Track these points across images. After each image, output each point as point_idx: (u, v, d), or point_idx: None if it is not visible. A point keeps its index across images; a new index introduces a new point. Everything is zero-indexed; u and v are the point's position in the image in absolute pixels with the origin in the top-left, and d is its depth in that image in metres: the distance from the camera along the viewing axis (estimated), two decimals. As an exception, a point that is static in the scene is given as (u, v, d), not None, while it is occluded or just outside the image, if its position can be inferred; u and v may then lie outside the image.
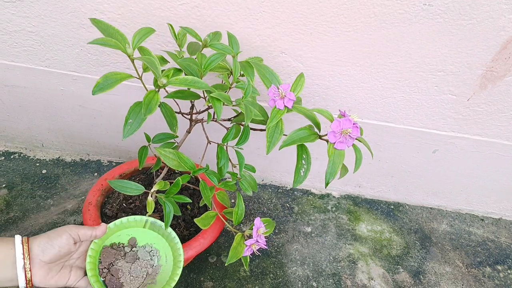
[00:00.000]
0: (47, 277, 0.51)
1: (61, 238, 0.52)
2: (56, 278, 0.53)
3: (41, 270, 0.50)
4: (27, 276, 0.49)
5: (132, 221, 0.66)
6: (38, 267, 0.50)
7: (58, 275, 0.53)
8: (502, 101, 0.90)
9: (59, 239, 0.52)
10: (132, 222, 0.66)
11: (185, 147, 1.05)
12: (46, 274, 0.51)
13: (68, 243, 0.53)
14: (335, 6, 0.73)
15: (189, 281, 0.92)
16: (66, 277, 0.54)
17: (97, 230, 0.58)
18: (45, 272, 0.51)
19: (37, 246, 0.51)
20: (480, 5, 0.72)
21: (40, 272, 0.50)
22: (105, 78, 0.51)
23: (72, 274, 0.56)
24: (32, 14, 0.81)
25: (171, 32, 0.67)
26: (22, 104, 1.02)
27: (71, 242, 0.54)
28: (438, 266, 1.07)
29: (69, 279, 0.55)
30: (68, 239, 0.53)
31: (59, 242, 0.52)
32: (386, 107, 0.94)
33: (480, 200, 1.20)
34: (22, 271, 0.49)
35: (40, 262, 0.50)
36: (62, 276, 0.54)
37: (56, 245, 0.52)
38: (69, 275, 0.55)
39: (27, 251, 0.50)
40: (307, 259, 1.02)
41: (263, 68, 0.62)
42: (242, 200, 0.71)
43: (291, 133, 0.56)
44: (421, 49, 0.80)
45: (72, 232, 0.54)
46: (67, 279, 0.55)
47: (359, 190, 1.22)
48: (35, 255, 0.50)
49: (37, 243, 0.51)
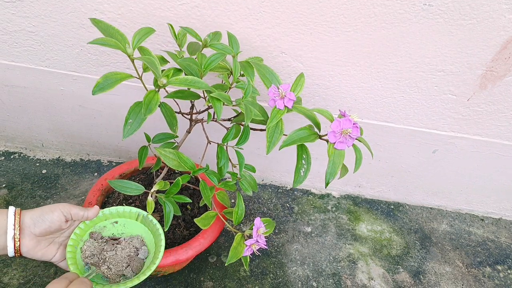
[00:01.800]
0: (35, 249, 0.54)
1: (53, 214, 0.55)
2: (43, 252, 0.55)
3: (30, 242, 0.53)
4: (16, 245, 0.52)
5: (127, 211, 0.67)
6: (28, 238, 0.53)
7: (45, 249, 0.55)
8: (502, 101, 0.90)
9: (51, 215, 0.54)
10: (126, 213, 0.67)
11: (185, 147, 1.05)
12: (34, 246, 0.53)
13: (59, 219, 0.55)
14: (335, 6, 0.73)
15: (189, 281, 0.92)
16: (53, 253, 0.56)
17: (89, 212, 0.60)
18: (34, 244, 0.53)
19: (29, 218, 0.53)
20: (480, 5, 0.72)
21: (29, 243, 0.53)
22: (105, 78, 0.51)
23: (59, 252, 0.57)
24: (32, 14, 0.81)
25: (171, 32, 0.67)
26: (22, 104, 1.02)
27: (62, 219, 0.56)
28: (438, 266, 1.07)
29: (55, 256, 0.57)
30: (59, 216, 0.55)
31: (51, 217, 0.54)
32: (386, 107, 0.94)
33: (480, 200, 1.20)
34: (11, 240, 0.51)
35: (30, 234, 0.53)
36: (49, 251, 0.56)
37: (47, 220, 0.54)
38: (56, 251, 0.57)
39: (19, 222, 0.52)
40: (307, 259, 1.02)
41: (263, 68, 0.62)
42: (242, 200, 0.71)
43: (291, 133, 0.56)
44: (421, 49, 0.80)
45: (64, 210, 0.56)
46: (53, 255, 0.57)
47: (359, 190, 1.22)
48: (26, 226, 0.53)
49: (30, 216, 0.53)
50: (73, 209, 0.58)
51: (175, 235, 0.82)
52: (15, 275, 0.85)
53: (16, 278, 0.85)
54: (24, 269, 0.87)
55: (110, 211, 0.66)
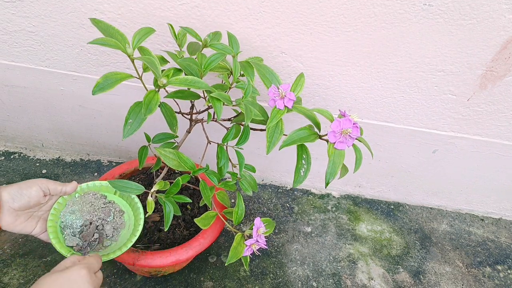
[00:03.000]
0: (14, 223, 0.55)
1: (31, 189, 0.56)
2: (23, 226, 0.57)
3: (9, 216, 0.54)
4: None
5: (104, 185, 0.69)
6: (7, 213, 0.54)
7: (25, 223, 0.57)
8: (502, 101, 0.90)
9: (29, 190, 0.56)
10: (104, 187, 0.69)
11: (185, 147, 1.05)
12: (14, 220, 0.55)
13: (37, 194, 0.57)
14: (335, 6, 0.73)
15: (189, 281, 0.92)
16: (32, 227, 0.58)
17: (67, 187, 0.61)
18: (13, 218, 0.55)
19: (7, 194, 0.54)
20: (480, 5, 0.72)
21: (8, 218, 0.54)
22: (105, 78, 0.51)
23: (38, 225, 0.59)
24: (32, 14, 0.81)
25: (171, 32, 0.67)
26: (22, 104, 1.02)
27: (40, 194, 0.57)
28: (438, 266, 1.07)
29: (35, 229, 0.59)
30: (38, 191, 0.57)
31: (29, 192, 0.56)
32: (386, 107, 0.94)
33: (480, 200, 1.20)
34: None
35: (10, 209, 0.54)
36: (29, 224, 0.58)
37: (25, 195, 0.55)
38: (35, 225, 0.59)
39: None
40: (307, 259, 1.02)
41: (263, 68, 0.62)
42: (242, 200, 0.71)
43: (291, 133, 0.56)
44: (421, 49, 0.80)
45: (42, 185, 0.57)
46: (33, 228, 0.59)
47: (359, 190, 1.22)
48: (4, 202, 0.54)
49: (8, 191, 0.54)
50: (51, 184, 0.59)
51: (175, 235, 0.82)
52: (15, 275, 0.85)
53: (16, 278, 0.85)
54: (24, 269, 0.87)
55: (87, 186, 0.67)
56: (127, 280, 0.90)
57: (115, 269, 0.91)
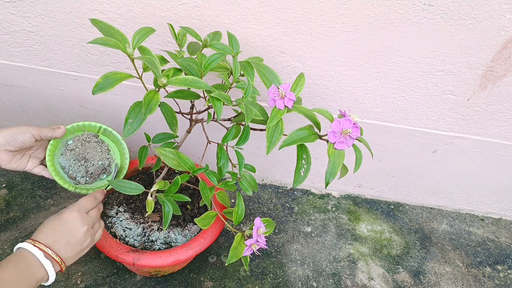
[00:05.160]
0: (11, 162, 0.65)
1: (24, 135, 0.64)
2: (18, 164, 0.67)
3: (6, 156, 0.64)
4: None
5: (87, 125, 0.75)
6: (4, 154, 0.64)
7: (19, 161, 0.67)
8: (502, 101, 0.90)
9: (23, 135, 0.64)
10: (87, 127, 0.75)
11: (185, 147, 1.05)
12: (10, 160, 0.65)
13: (30, 140, 0.65)
14: (335, 6, 0.73)
15: (189, 281, 0.92)
16: (25, 164, 0.69)
17: (56, 132, 0.69)
18: (10, 158, 0.65)
19: (3, 138, 0.63)
20: (480, 5, 0.72)
21: (5, 157, 0.64)
22: (105, 78, 0.51)
23: (30, 162, 0.70)
24: (32, 14, 0.81)
25: (171, 32, 0.67)
26: (22, 104, 1.02)
27: (32, 140, 0.66)
28: (438, 266, 1.07)
29: (27, 165, 0.69)
30: (30, 137, 0.65)
31: (23, 137, 0.64)
32: (386, 107, 0.94)
33: (480, 200, 1.20)
34: None
35: (5, 151, 0.64)
36: (22, 162, 0.68)
37: (19, 140, 0.64)
38: (27, 162, 0.69)
39: None
40: (307, 259, 1.02)
41: (263, 68, 0.62)
42: (242, 200, 0.71)
43: (291, 133, 0.56)
44: (421, 49, 0.80)
45: (34, 132, 0.65)
46: (26, 165, 0.69)
47: (359, 190, 1.22)
48: (1, 145, 0.63)
49: (3, 136, 0.63)
50: (43, 131, 0.67)
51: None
52: (15, 275, 0.85)
53: (16, 278, 0.85)
54: (24, 269, 0.86)
55: (72, 126, 0.73)
56: (127, 280, 0.90)
57: (115, 269, 0.91)
